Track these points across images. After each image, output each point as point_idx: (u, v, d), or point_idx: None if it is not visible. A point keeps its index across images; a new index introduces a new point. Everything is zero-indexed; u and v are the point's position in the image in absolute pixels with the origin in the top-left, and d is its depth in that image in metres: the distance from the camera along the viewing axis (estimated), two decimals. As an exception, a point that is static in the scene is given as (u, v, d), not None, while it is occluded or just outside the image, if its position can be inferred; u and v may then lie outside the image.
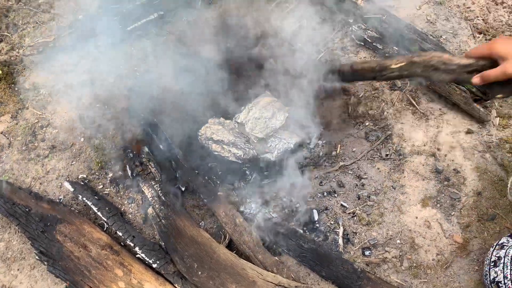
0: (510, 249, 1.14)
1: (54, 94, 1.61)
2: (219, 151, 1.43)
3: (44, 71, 1.66)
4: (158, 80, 1.56)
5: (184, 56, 1.62)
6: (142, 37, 1.71)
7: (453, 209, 1.37)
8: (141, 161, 1.42)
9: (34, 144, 1.51)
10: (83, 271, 1.24)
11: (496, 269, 1.14)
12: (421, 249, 1.32)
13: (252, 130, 1.44)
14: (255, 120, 1.45)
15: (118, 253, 1.27)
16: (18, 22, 1.77)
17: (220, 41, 1.67)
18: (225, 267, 1.22)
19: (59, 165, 1.48)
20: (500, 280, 1.11)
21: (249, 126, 1.44)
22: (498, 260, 1.15)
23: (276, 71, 1.55)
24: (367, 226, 1.36)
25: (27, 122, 1.55)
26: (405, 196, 1.40)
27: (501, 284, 1.11)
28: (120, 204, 1.41)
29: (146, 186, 1.38)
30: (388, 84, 1.63)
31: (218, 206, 1.34)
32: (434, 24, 1.77)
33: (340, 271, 1.25)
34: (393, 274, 1.28)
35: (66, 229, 1.31)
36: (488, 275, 1.16)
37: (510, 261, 1.11)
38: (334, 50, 1.71)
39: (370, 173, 1.44)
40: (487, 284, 1.17)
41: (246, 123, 1.45)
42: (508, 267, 1.11)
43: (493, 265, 1.16)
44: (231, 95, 1.53)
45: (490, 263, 1.17)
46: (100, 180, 1.45)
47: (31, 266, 1.33)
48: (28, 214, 1.34)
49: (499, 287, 1.11)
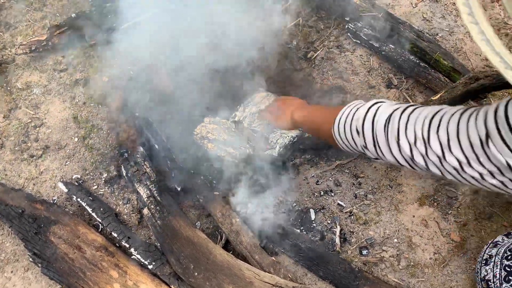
0: (502, 248, 1.14)
1: (47, 94, 1.59)
2: (215, 150, 1.41)
3: (37, 70, 1.64)
4: (153, 79, 1.54)
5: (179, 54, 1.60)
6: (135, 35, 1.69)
7: (450, 208, 1.37)
8: (136, 161, 1.41)
9: (27, 144, 1.49)
10: (77, 273, 1.23)
11: (487, 267, 1.13)
12: (418, 248, 1.31)
13: (250, 125, 1.42)
14: (252, 115, 1.43)
15: (113, 254, 1.26)
16: (10, 21, 1.75)
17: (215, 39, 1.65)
18: (222, 268, 1.21)
19: (53, 165, 1.46)
20: (490, 279, 1.11)
21: (246, 122, 1.43)
22: (489, 258, 1.15)
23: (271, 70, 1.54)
24: (364, 225, 1.35)
25: (20, 122, 1.53)
26: (402, 195, 1.39)
27: (490, 283, 1.11)
28: (115, 205, 1.39)
29: (141, 186, 1.37)
30: (384, 82, 1.63)
31: (214, 206, 1.33)
32: (430, 22, 1.76)
33: (337, 270, 1.25)
34: (390, 273, 1.28)
35: (60, 231, 1.29)
36: (479, 273, 1.16)
37: (500, 260, 1.11)
38: (330, 48, 1.70)
39: (367, 171, 1.44)
40: (478, 281, 1.17)
41: (244, 120, 1.44)
42: (498, 266, 1.10)
43: (484, 263, 1.15)
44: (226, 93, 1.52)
45: (482, 261, 1.17)
46: (95, 181, 1.43)
47: (25, 268, 1.31)
48: (21, 215, 1.32)
49: (489, 285, 1.11)
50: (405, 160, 0.85)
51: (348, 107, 1.02)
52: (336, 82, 1.61)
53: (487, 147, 0.65)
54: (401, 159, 0.86)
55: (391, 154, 0.87)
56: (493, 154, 0.64)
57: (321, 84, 1.61)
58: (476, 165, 0.69)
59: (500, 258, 1.12)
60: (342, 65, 1.66)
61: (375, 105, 0.93)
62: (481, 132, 0.66)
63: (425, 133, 0.77)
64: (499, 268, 1.10)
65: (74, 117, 1.53)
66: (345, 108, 1.02)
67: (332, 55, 1.67)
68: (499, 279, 1.09)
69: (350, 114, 0.98)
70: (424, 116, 0.79)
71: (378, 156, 0.94)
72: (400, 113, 0.85)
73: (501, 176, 0.68)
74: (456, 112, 0.74)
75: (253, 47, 1.47)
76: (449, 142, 0.72)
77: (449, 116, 0.75)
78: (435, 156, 0.76)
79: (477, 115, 0.68)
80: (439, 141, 0.75)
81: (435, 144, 0.75)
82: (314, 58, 1.66)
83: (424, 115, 0.80)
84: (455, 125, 0.72)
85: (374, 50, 1.66)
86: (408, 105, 0.88)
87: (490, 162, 0.67)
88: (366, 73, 1.64)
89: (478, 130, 0.66)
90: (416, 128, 0.79)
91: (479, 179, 0.72)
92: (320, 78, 1.61)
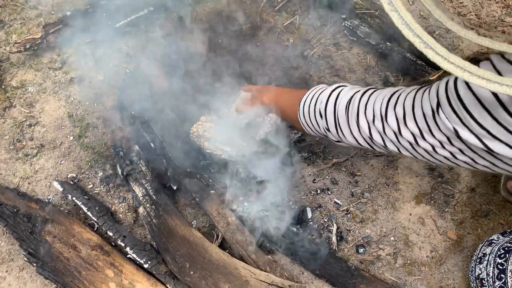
0: (496, 247, 1.14)
1: (42, 92, 1.58)
2: (211, 149, 1.41)
3: (32, 68, 1.62)
4: (148, 77, 1.54)
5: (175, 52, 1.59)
6: (132, 33, 1.68)
7: (447, 206, 1.37)
8: (131, 160, 1.40)
9: (22, 143, 1.48)
10: (73, 272, 1.22)
11: (481, 265, 1.13)
12: (415, 246, 1.31)
13: (238, 117, 1.40)
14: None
15: (108, 253, 1.25)
16: (4, 19, 1.73)
17: (210, 37, 1.65)
18: (218, 267, 1.20)
19: (48, 164, 1.45)
20: (484, 277, 1.11)
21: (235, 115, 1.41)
22: (483, 256, 1.15)
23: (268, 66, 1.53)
24: (360, 223, 1.35)
25: (14, 120, 1.52)
26: (399, 193, 1.39)
27: (484, 281, 1.11)
28: (111, 204, 1.39)
29: (137, 185, 1.36)
30: (381, 80, 1.62)
31: (210, 205, 1.33)
32: (427, 20, 1.76)
33: (334, 269, 1.24)
34: (387, 272, 1.27)
35: (55, 230, 1.28)
36: (473, 271, 1.16)
37: (494, 259, 1.11)
38: (327, 46, 1.70)
39: (364, 170, 1.43)
40: (472, 280, 1.17)
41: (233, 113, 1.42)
42: (491, 265, 1.10)
43: (478, 262, 1.15)
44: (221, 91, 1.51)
45: (477, 260, 1.17)
46: (90, 179, 1.42)
47: (20, 268, 1.30)
48: (16, 214, 1.31)
49: (483, 284, 1.11)
50: (364, 140, 0.89)
51: (312, 90, 1.06)
52: (333, 80, 1.60)
53: (438, 116, 0.69)
54: (361, 139, 0.89)
55: (352, 135, 0.91)
56: (443, 121, 0.68)
57: (318, 81, 1.60)
58: (428, 136, 0.73)
59: (494, 256, 1.12)
60: (339, 62, 1.65)
61: (338, 89, 0.97)
62: (433, 102, 0.70)
63: (383, 110, 0.81)
64: (493, 266, 1.10)
65: (69, 116, 1.52)
66: (310, 91, 1.06)
67: (329, 52, 1.66)
68: (492, 277, 1.09)
69: (314, 98, 1.03)
70: (383, 95, 0.83)
71: (339, 139, 1.00)
72: (361, 94, 0.89)
73: (450, 146, 0.71)
74: (413, 90, 0.79)
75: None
76: (405, 116, 0.77)
77: (406, 93, 0.79)
78: (391, 132, 0.80)
79: (431, 88, 0.73)
80: (396, 116, 0.79)
81: (391, 120, 0.79)
82: (311, 55, 1.65)
83: (384, 94, 0.84)
84: (411, 100, 0.76)
85: (371, 48, 1.66)
86: (369, 88, 0.92)
87: (440, 132, 0.70)
88: (363, 71, 1.63)
89: (431, 100, 0.71)
90: (375, 107, 0.83)
91: (431, 152, 0.75)
92: (317, 76, 1.61)
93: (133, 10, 1.66)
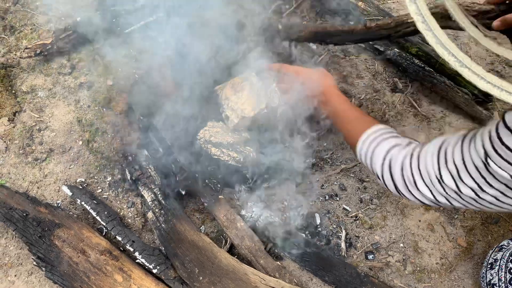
0: (507, 252, 1.14)
1: (52, 97, 1.59)
2: (219, 154, 1.41)
3: (42, 73, 1.64)
4: (157, 82, 1.54)
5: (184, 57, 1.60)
6: (141, 39, 1.69)
7: (457, 213, 1.36)
8: (140, 165, 1.40)
9: (31, 147, 1.49)
10: (81, 277, 1.22)
11: (492, 271, 1.13)
12: (424, 253, 1.30)
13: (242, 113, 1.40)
14: (236, 106, 1.41)
15: (117, 258, 1.25)
16: (15, 24, 1.75)
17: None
18: (227, 272, 1.20)
19: (57, 168, 1.45)
20: (495, 283, 1.11)
21: (236, 114, 1.41)
22: (494, 262, 1.15)
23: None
24: (369, 229, 1.34)
25: (24, 125, 1.53)
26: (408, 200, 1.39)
27: (496, 287, 1.10)
28: (119, 208, 1.39)
29: (146, 190, 1.36)
30: (389, 86, 1.62)
31: (219, 210, 1.33)
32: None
33: (343, 275, 1.24)
34: (396, 278, 1.27)
35: (64, 234, 1.29)
36: (484, 277, 1.16)
37: (505, 264, 1.11)
38: (335, 52, 1.70)
39: (372, 176, 1.43)
40: (483, 286, 1.17)
41: (232, 116, 1.42)
42: (502, 270, 1.10)
43: (489, 267, 1.15)
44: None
45: (487, 265, 1.16)
46: (99, 184, 1.43)
47: (29, 272, 1.30)
48: (25, 219, 1.31)
49: None
50: (429, 201, 0.88)
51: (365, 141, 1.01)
52: (341, 86, 1.61)
53: (489, 166, 0.69)
54: (425, 200, 0.89)
55: (414, 197, 0.90)
56: (495, 171, 0.68)
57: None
58: (487, 188, 0.73)
59: (505, 261, 1.12)
60: (347, 69, 1.65)
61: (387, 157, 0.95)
62: (481, 154, 0.70)
63: (437, 172, 0.81)
64: (504, 271, 1.10)
65: (79, 121, 1.53)
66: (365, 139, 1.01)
67: (337, 59, 1.67)
68: (504, 282, 1.08)
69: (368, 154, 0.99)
70: (431, 154, 0.83)
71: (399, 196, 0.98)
72: (409, 159, 0.88)
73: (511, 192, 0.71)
74: (457, 141, 0.78)
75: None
76: (459, 173, 0.76)
77: (452, 147, 0.79)
78: (452, 191, 0.79)
79: (476, 140, 0.72)
80: (451, 174, 0.78)
81: (448, 179, 0.78)
82: (319, 62, 1.66)
83: (431, 152, 0.83)
84: (460, 154, 0.76)
85: (378, 54, 1.66)
86: (410, 142, 0.94)
87: (497, 180, 0.70)
88: (371, 77, 1.64)
89: (478, 153, 0.71)
90: (429, 170, 0.83)
91: (494, 202, 0.75)
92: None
93: (143, 16, 1.67)
